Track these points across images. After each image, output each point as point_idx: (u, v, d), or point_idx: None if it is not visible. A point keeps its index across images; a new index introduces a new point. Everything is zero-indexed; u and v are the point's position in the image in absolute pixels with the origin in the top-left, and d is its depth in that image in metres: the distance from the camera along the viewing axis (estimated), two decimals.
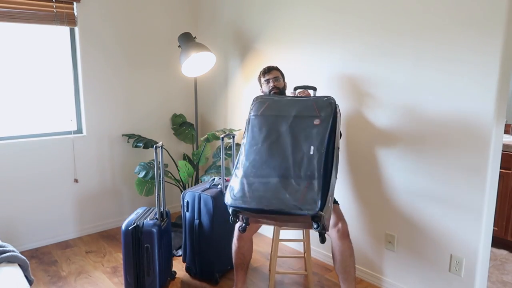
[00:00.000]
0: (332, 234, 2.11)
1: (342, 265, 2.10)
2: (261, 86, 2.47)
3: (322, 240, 1.74)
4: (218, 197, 2.46)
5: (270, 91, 2.38)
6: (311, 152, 1.74)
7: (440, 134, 2.13)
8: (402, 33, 2.21)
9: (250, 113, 1.98)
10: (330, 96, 1.91)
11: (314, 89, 2.26)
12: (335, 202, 2.21)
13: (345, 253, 2.08)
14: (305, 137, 1.79)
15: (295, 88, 2.29)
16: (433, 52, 2.10)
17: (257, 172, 1.78)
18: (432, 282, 2.25)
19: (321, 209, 1.63)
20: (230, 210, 1.80)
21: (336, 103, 1.90)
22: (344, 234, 2.08)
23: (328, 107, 1.84)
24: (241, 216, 1.83)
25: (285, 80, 2.49)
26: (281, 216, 1.70)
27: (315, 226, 1.65)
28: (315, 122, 1.81)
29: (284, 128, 1.84)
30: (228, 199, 1.78)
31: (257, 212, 1.73)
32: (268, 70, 2.42)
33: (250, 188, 1.75)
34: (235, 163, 1.93)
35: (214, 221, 2.44)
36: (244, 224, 1.87)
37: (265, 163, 1.79)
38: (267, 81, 2.39)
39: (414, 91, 2.20)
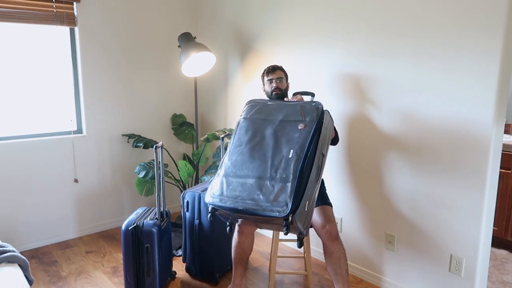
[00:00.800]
0: (321, 236, 2.10)
1: (332, 267, 2.10)
2: (263, 85, 2.46)
3: (300, 244, 1.76)
4: None
5: (272, 92, 2.37)
6: (290, 156, 1.76)
7: (440, 134, 2.13)
8: (403, 33, 2.21)
9: (240, 116, 2.00)
10: (318, 102, 1.92)
11: (312, 94, 2.25)
12: (329, 204, 2.21)
13: (334, 255, 2.08)
14: (287, 140, 1.81)
15: (294, 94, 2.29)
16: (433, 52, 2.10)
17: (237, 172, 1.81)
18: (432, 282, 2.26)
19: (292, 212, 1.63)
20: (209, 208, 1.84)
21: (324, 109, 1.90)
22: (332, 236, 2.07)
23: (314, 112, 1.86)
24: (227, 217, 1.87)
25: (288, 81, 2.49)
26: (256, 217, 1.72)
27: (284, 229, 1.65)
28: (299, 127, 1.83)
29: (268, 132, 1.87)
30: (207, 197, 1.82)
31: (233, 212, 1.75)
32: (273, 70, 2.40)
33: (228, 188, 1.78)
34: (222, 160, 1.96)
35: (214, 221, 2.44)
36: (228, 226, 1.90)
37: (244, 164, 1.82)
38: (270, 80, 2.39)
39: (414, 91, 2.20)
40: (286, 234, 1.66)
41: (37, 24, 2.88)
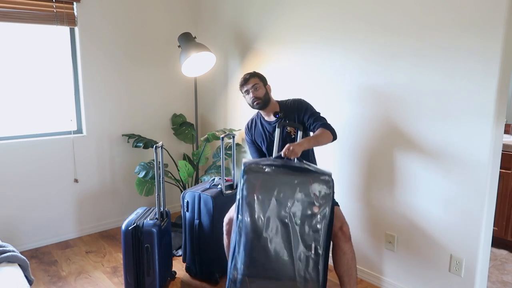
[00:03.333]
0: (336, 237, 2.08)
1: (344, 267, 2.09)
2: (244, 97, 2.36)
3: None
4: (218, 197, 2.46)
5: (253, 103, 2.27)
6: (312, 252, 1.82)
7: (440, 134, 2.13)
8: (402, 34, 2.21)
9: (242, 188, 1.83)
10: (328, 174, 1.85)
11: (300, 128, 2.16)
12: (337, 203, 2.19)
13: (348, 256, 2.07)
14: (306, 231, 1.82)
15: (280, 120, 2.22)
16: (433, 53, 2.10)
17: (260, 272, 1.83)
18: (432, 282, 2.25)
19: None
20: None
21: (333, 180, 1.85)
22: (347, 237, 2.07)
23: (327, 192, 1.83)
24: None
25: (268, 83, 2.35)
26: None
27: None
28: (314, 210, 1.82)
29: (283, 219, 1.82)
30: (233, 276, 1.84)
31: None
32: (245, 81, 2.28)
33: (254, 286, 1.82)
34: (232, 249, 1.88)
35: (214, 221, 2.44)
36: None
37: (267, 263, 1.82)
38: (247, 92, 2.28)
39: (414, 92, 2.20)
40: None
41: (37, 24, 2.88)
